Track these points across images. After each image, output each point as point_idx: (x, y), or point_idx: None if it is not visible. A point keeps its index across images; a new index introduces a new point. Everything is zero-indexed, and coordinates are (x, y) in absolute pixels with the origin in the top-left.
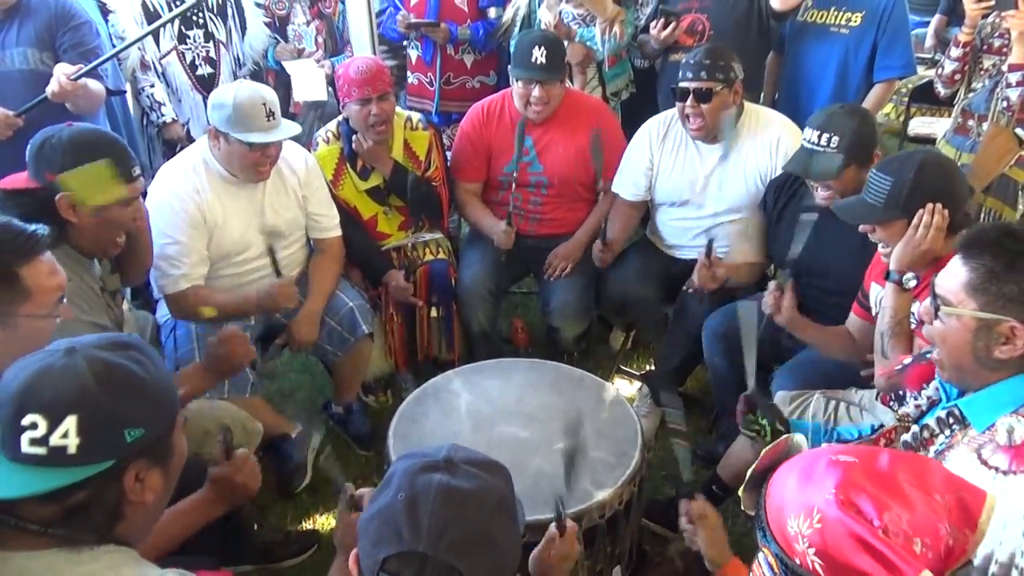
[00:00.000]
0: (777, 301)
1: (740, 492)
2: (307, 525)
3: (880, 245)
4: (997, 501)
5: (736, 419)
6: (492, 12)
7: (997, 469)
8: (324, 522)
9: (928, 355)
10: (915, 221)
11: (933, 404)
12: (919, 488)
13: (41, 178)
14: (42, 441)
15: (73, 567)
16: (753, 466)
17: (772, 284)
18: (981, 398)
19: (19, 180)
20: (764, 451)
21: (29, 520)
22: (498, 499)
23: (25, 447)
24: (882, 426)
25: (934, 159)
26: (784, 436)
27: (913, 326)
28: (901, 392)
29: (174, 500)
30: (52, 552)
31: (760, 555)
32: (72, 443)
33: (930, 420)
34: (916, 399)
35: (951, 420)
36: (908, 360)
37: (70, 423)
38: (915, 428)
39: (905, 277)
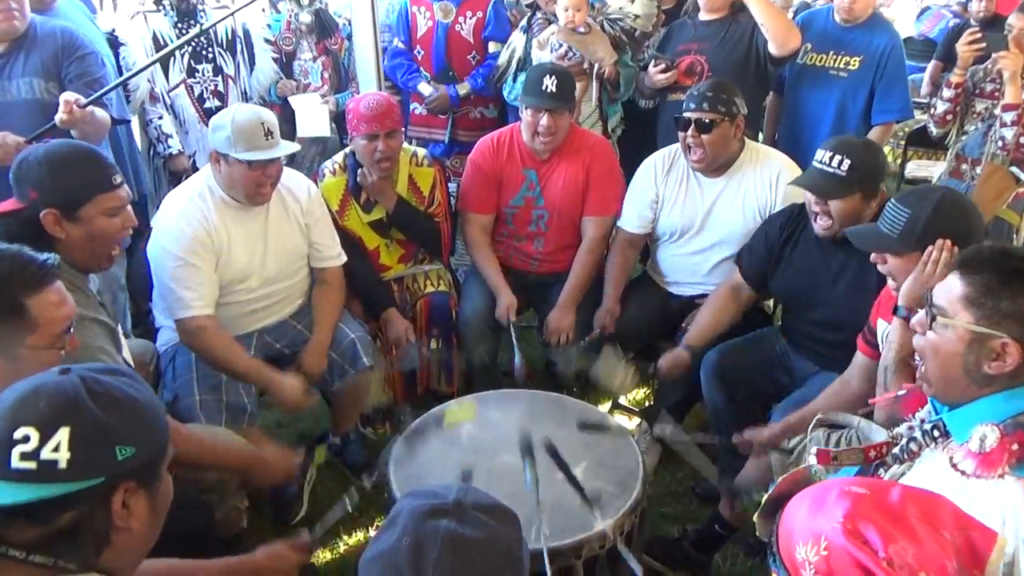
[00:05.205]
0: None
1: (755, 518)
2: None
3: (889, 279)
4: (1008, 542)
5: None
6: (492, 46)
7: (963, 472)
8: (320, 554)
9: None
10: (924, 256)
11: (925, 423)
12: (927, 524)
13: (24, 197)
14: (33, 455)
15: None
16: (768, 493)
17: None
18: (965, 412)
19: (7, 204)
20: (780, 479)
21: (13, 544)
22: (506, 549)
23: (15, 462)
24: None
25: (953, 197)
26: (804, 465)
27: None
28: (899, 421)
29: (170, 535)
30: None
31: None
32: (63, 457)
33: (917, 434)
34: (909, 421)
35: (936, 433)
36: (903, 391)
37: (62, 436)
38: (903, 442)
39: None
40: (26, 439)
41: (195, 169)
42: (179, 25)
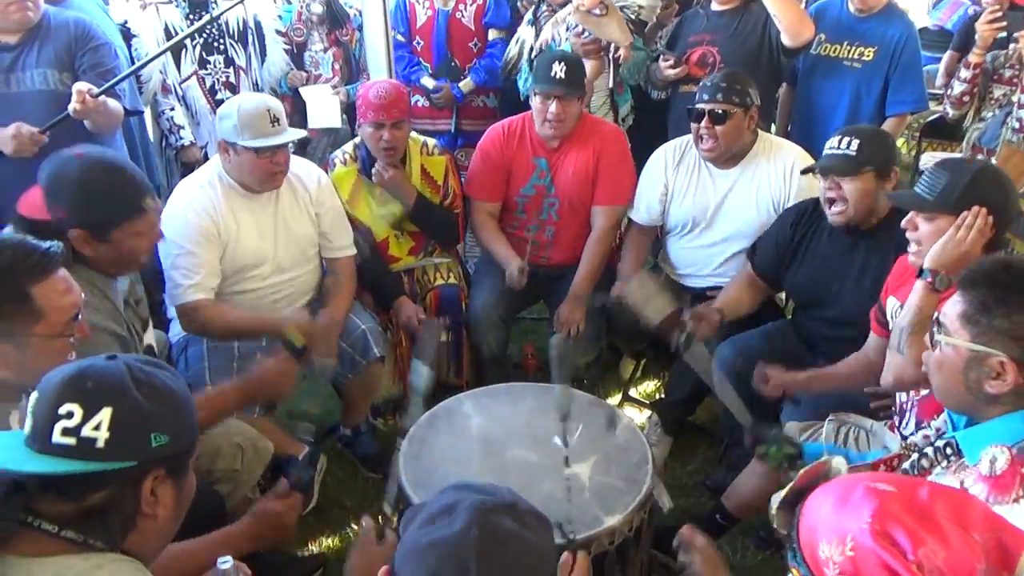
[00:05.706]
0: (763, 378)
1: (774, 511)
2: (312, 548)
3: (911, 246)
4: None
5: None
6: (492, 34)
7: None
8: (329, 544)
9: None
10: (959, 220)
11: (941, 435)
12: (957, 524)
13: (54, 213)
14: (74, 431)
15: (78, 570)
16: (789, 485)
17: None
18: (978, 432)
19: (37, 202)
20: (802, 471)
21: (45, 517)
22: (550, 558)
23: (56, 436)
24: (887, 450)
25: (994, 170)
26: (824, 458)
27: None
28: (902, 407)
29: (182, 524)
30: (60, 559)
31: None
32: (102, 436)
33: (928, 449)
34: (925, 429)
35: (948, 451)
36: (925, 392)
37: (104, 415)
38: (914, 456)
39: (938, 277)
40: (70, 415)
41: (207, 160)
42: (191, 17)
